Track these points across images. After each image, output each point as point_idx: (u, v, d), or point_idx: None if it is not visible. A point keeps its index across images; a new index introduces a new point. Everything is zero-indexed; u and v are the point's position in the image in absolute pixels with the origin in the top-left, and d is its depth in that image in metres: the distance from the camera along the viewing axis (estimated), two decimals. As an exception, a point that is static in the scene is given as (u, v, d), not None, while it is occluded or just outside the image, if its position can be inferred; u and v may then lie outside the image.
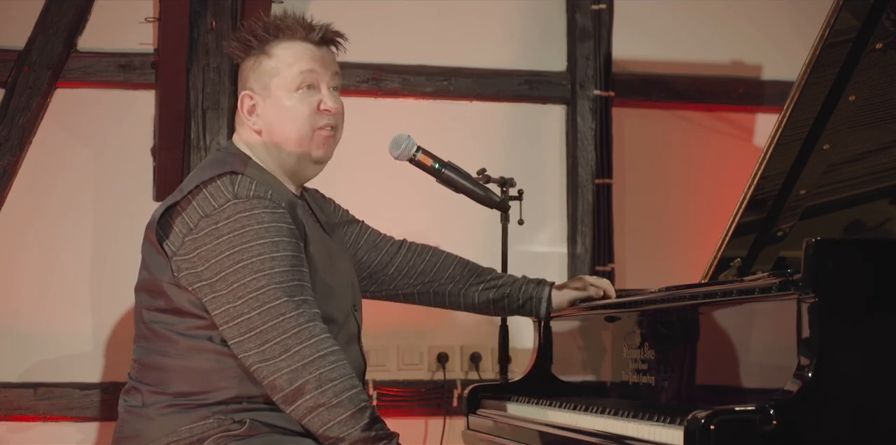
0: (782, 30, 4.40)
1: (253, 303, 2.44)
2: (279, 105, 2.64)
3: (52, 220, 4.01)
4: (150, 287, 2.58)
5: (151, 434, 2.54)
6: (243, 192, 2.50)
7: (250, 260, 2.45)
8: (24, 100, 3.94)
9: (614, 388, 2.75)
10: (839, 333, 2.07)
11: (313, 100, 2.64)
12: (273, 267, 2.45)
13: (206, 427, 2.50)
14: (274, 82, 2.64)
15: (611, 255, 4.27)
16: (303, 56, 2.64)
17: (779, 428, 2.02)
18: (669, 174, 4.41)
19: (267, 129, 2.65)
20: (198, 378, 2.53)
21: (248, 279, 2.45)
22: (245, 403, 2.53)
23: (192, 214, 2.51)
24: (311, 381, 2.40)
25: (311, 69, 2.63)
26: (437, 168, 2.99)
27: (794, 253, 3.01)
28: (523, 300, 2.94)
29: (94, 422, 3.97)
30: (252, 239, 2.46)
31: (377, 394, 4.11)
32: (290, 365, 2.41)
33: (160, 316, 2.57)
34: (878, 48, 2.77)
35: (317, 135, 2.65)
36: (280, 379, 2.42)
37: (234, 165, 2.58)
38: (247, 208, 2.48)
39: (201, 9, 4.01)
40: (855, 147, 2.95)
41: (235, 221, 2.48)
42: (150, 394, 2.57)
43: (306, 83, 2.63)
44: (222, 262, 2.47)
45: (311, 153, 2.66)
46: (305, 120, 2.63)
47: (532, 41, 4.35)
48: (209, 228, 2.48)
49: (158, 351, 2.58)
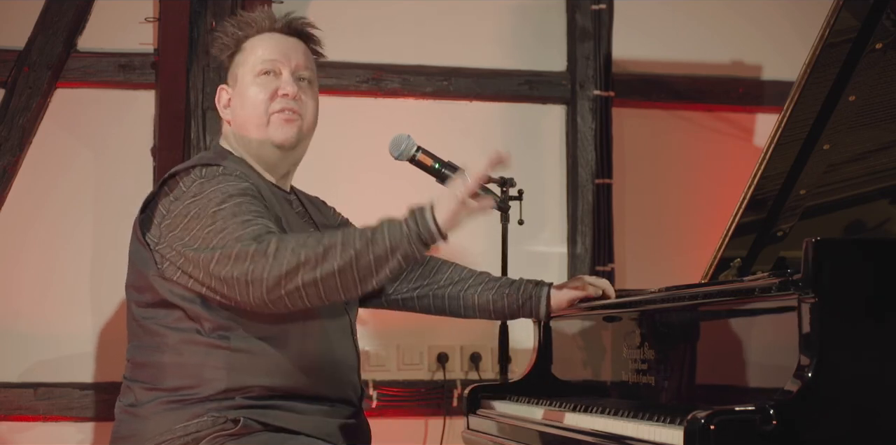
0: (782, 30, 4.40)
1: (212, 242, 2.43)
2: (242, 93, 2.71)
3: (52, 220, 4.01)
4: (136, 283, 2.61)
5: (146, 432, 2.55)
6: (210, 173, 2.55)
7: (213, 224, 2.45)
8: (24, 100, 3.95)
9: (614, 388, 2.75)
10: (839, 333, 2.07)
11: (272, 85, 2.69)
12: (235, 219, 2.44)
13: (200, 426, 2.51)
14: (240, 72, 2.72)
15: (611, 255, 4.27)
16: (266, 45, 2.72)
17: (779, 428, 2.02)
18: (669, 174, 4.42)
19: (233, 118, 2.73)
20: (189, 371, 2.54)
21: (208, 234, 2.44)
22: (237, 398, 2.53)
23: (164, 202, 2.56)
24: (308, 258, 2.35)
25: (272, 58, 2.70)
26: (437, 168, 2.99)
27: (794, 253, 3.01)
28: (523, 300, 2.94)
29: (94, 422, 3.97)
30: (213, 204, 2.47)
31: (377, 394, 4.11)
32: (269, 260, 2.36)
33: (148, 311, 2.59)
34: (878, 48, 2.77)
35: (273, 119, 2.69)
36: (275, 270, 2.36)
37: (211, 159, 2.63)
38: (212, 184, 2.52)
39: (201, 9, 4.02)
40: (855, 147, 2.95)
41: (202, 197, 2.50)
42: (143, 391, 2.58)
43: (266, 69, 2.69)
44: (190, 230, 2.48)
45: (271, 137, 2.69)
46: (261, 103, 2.69)
47: (532, 41, 4.35)
48: (179, 209, 2.52)
49: (149, 347, 2.59)
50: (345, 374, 2.70)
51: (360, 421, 2.74)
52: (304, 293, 2.37)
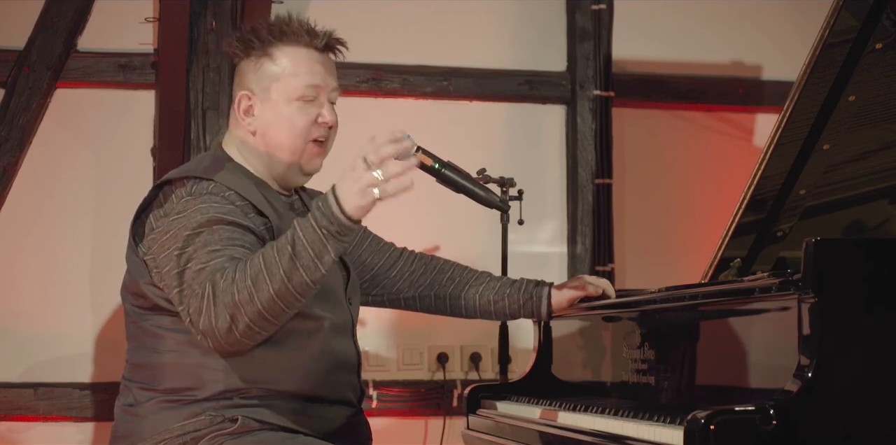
0: (782, 30, 4.40)
1: (178, 282, 2.44)
2: (278, 111, 2.65)
3: (52, 220, 4.01)
4: (131, 288, 2.63)
5: (144, 432, 2.55)
6: (199, 190, 2.54)
7: (185, 250, 2.45)
8: (24, 100, 3.94)
9: (614, 388, 2.75)
10: (839, 333, 2.07)
11: (312, 111, 2.66)
12: (205, 249, 2.44)
13: (198, 425, 2.51)
14: (275, 87, 2.64)
15: (611, 255, 4.27)
16: (308, 67, 2.65)
17: (779, 428, 2.02)
18: (669, 174, 4.42)
19: (261, 132, 2.66)
20: (187, 373, 2.54)
21: (176, 262, 2.45)
22: (235, 398, 2.53)
23: (155, 214, 2.57)
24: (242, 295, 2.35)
25: (314, 83, 2.64)
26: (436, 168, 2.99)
27: (794, 253, 3.01)
28: (524, 300, 2.94)
29: (94, 422, 3.98)
30: (190, 228, 2.47)
31: (377, 394, 4.11)
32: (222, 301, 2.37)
33: (145, 314, 2.60)
34: (878, 48, 2.77)
35: (309, 148, 2.67)
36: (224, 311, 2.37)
37: (205, 170, 2.59)
38: (197, 203, 2.51)
39: (201, 9, 4.01)
40: (855, 147, 2.95)
41: (183, 217, 2.50)
42: (141, 391, 2.59)
43: (309, 96, 2.65)
44: (166, 249, 2.49)
45: (302, 165, 2.68)
46: (302, 131, 2.65)
47: (532, 41, 4.35)
48: (164, 225, 2.53)
49: (147, 349, 2.60)
50: (344, 375, 2.69)
51: (360, 422, 2.74)
52: (257, 327, 2.38)
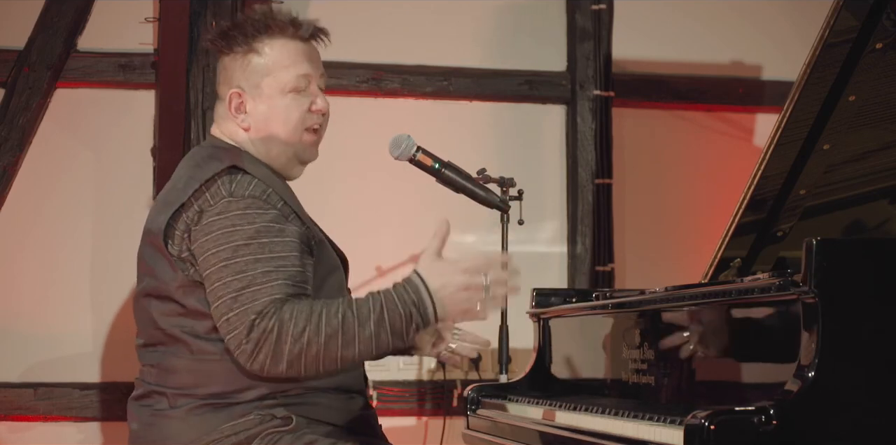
0: (782, 30, 4.40)
1: (231, 304, 2.42)
2: (272, 105, 2.64)
3: (52, 220, 4.01)
4: (158, 293, 2.56)
5: (185, 434, 2.51)
6: (240, 191, 2.50)
7: (234, 261, 2.43)
8: (24, 100, 3.95)
9: (614, 388, 2.75)
10: (839, 333, 2.07)
11: (305, 101, 2.65)
12: (257, 268, 2.43)
13: (247, 424, 2.49)
14: (266, 82, 2.63)
15: (611, 255, 4.27)
16: (296, 57, 2.64)
17: (779, 428, 2.02)
18: (669, 174, 4.42)
19: (256, 128, 2.65)
20: (229, 378, 2.50)
21: (228, 279, 2.43)
22: (279, 398, 2.52)
23: (190, 214, 2.51)
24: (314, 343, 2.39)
25: (304, 72, 2.64)
26: (437, 168, 2.99)
27: (794, 253, 3.01)
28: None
29: (95, 422, 3.97)
30: (238, 238, 2.45)
31: (377, 394, 4.11)
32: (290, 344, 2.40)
33: (177, 320, 2.54)
34: (878, 48, 2.77)
35: (305, 137, 2.67)
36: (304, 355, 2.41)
37: (231, 159, 2.57)
38: (239, 207, 2.48)
39: (201, 9, 4.02)
40: (855, 147, 2.95)
41: (226, 218, 2.47)
42: (177, 397, 2.54)
43: (301, 87, 2.64)
44: (208, 260, 2.46)
45: (298, 154, 2.68)
46: (297, 121, 2.65)
47: (532, 41, 4.35)
48: (202, 225, 2.48)
49: (179, 355, 2.55)
50: (360, 365, 2.70)
51: (373, 413, 2.76)
52: (304, 374, 2.45)
